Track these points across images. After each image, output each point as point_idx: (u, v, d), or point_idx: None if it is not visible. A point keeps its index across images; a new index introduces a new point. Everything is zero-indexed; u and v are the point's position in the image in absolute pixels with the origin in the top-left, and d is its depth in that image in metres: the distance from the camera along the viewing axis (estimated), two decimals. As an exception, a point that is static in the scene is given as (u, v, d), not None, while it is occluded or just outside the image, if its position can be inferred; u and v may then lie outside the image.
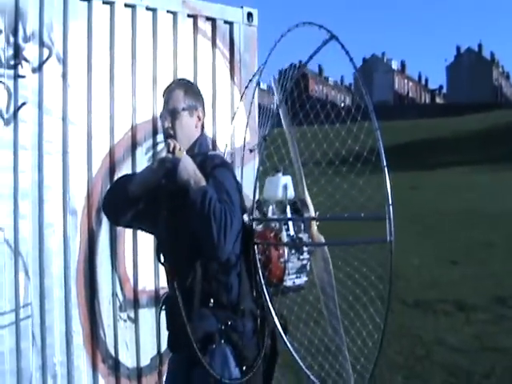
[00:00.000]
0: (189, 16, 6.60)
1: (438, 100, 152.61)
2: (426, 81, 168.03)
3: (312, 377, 4.35)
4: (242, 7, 6.98)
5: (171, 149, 3.65)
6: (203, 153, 3.92)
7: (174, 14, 6.49)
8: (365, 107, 3.78)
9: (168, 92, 3.96)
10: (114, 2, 6.07)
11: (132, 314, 6.04)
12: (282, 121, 5.04)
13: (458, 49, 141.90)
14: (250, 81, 5.92)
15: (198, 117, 3.96)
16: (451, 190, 31.72)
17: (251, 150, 5.95)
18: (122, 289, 6.02)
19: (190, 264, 3.68)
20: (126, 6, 6.16)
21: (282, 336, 3.99)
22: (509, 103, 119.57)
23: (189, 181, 3.57)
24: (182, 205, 3.59)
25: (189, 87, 4.03)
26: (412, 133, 67.68)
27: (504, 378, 7.25)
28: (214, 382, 3.66)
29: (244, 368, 3.75)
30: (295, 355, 4.31)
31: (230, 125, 6.33)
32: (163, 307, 4.03)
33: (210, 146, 4.09)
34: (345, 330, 5.31)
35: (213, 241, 3.45)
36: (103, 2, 6.04)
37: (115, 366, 5.98)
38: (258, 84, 5.56)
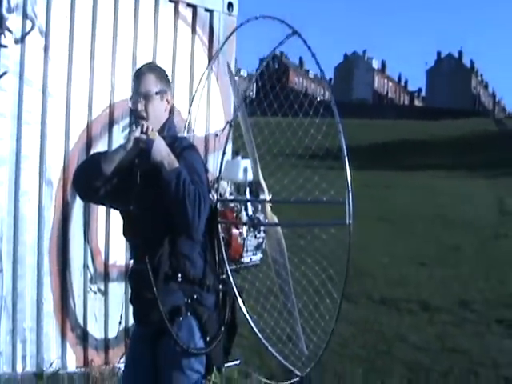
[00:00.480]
0: (170, 1, 6.72)
1: (417, 102, 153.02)
2: (406, 82, 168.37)
3: (270, 347, 4.52)
4: (223, -3, 7.09)
5: (144, 130, 3.76)
6: (172, 135, 4.04)
7: (156, -2, 6.61)
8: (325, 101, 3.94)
9: (140, 76, 4.00)
10: (98, -20, 6.17)
11: (102, 287, 6.16)
12: (238, 107, 5.20)
13: (439, 54, 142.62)
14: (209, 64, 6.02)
15: (168, 100, 4.03)
16: (425, 193, 31.79)
17: (216, 135, 6.09)
18: (93, 261, 6.16)
19: (160, 240, 3.80)
20: (110, -13, 6.27)
21: (241, 309, 4.14)
22: (486, 112, 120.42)
23: (162, 162, 3.69)
24: (155, 184, 3.70)
25: (159, 72, 4.08)
26: (390, 133, 67.74)
27: (462, 379, 7.36)
28: (181, 352, 3.79)
29: (208, 339, 3.88)
30: (254, 327, 4.48)
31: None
32: (129, 281, 4.15)
33: (177, 129, 4.17)
34: (303, 304, 5.44)
35: (188, 221, 3.61)
36: (88, -21, 6.14)
37: (83, 335, 6.12)
38: (239, 70, 5.66)
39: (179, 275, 3.81)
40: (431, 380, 7.28)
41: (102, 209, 6.08)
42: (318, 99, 5.52)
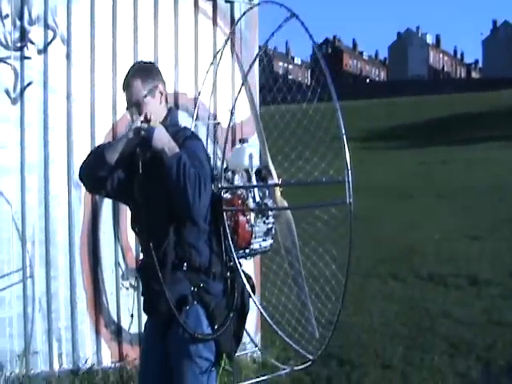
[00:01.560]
0: (189, -4, 6.78)
1: (474, 74, 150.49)
2: (462, 55, 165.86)
3: (279, 332, 4.63)
4: (242, -14, 7.12)
5: (148, 117, 3.91)
6: (174, 124, 4.16)
7: (175, -6, 6.69)
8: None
9: (126, 86, 4.10)
10: (116, -16, 6.33)
11: (134, 282, 6.34)
12: (247, 95, 5.27)
13: (494, 22, 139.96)
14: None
15: (160, 92, 4.12)
16: (482, 165, 31.46)
17: (218, 123, 6.18)
18: (124, 258, 6.36)
19: (165, 230, 3.92)
20: (128, -13, 6.41)
21: (250, 296, 4.26)
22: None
23: (163, 148, 3.79)
24: (157, 171, 3.81)
25: (143, 72, 4.14)
26: (447, 108, 66.93)
27: (504, 352, 7.29)
28: (189, 340, 3.92)
29: (216, 327, 3.99)
30: (263, 313, 4.60)
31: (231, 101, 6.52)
32: (139, 274, 4.31)
33: (179, 118, 4.29)
34: (309, 287, 5.52)
35: (188, 202, 3.70)
36: (106, -16, 6.29)
37: (117, 331, 6.33)
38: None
39: (185, 264, 3.93)
40: (473, 354, 7.24)
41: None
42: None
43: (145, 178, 3.90)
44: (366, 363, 7.01)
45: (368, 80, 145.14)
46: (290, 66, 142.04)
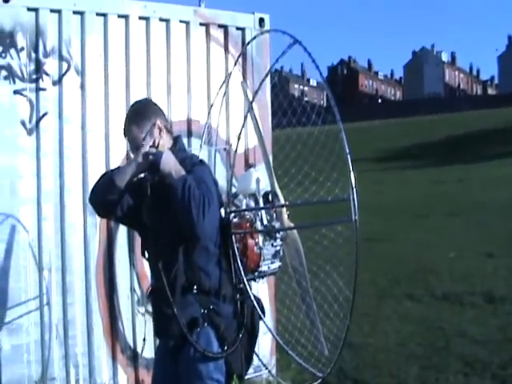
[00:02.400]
0: (201, 24, 6.93)
1: (490, 91, 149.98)
2: (478, 72, 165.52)
3: (289, 351, 4.71)
4: (253, 13, 7.26)
5: (156, 144, 4.04)
6: (183, 149, 4.29)
7: (187, 23, 6.84)
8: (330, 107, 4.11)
9: (125, 132, 4.28)
10: (128, 16, 6.48)
11: (149, 308, 6.40)
12: (252, 120, 5.39)
13: (510, 38, 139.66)
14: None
15: (159, 128, 4.21)
16: (498, 182, 31.31)
17: (225, 149, 6.28)
18: (139, 284, 6.44)
19: (174, 254, 4.03)
20: (140, 18, 6.56)
21: (261, 318, 4.35)
22: None
23: (170, 172, 3.91)
24: (165, 194, 3.93)
25: (136, 116, 4.26)
26: (464, 125, 66.79)
27: None
28: (200, 361, 4.01)
29: (225, 348, 4.09)
30: (273, 334, 4.69)
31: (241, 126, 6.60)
32: (150, 298, 4.41)
33: (192, 145, 4.42)
34: (318, 305, 5.59)
35: (192, 219, 3.80)
36: (118, 16, 6.45)
37: (134, 357, 6.40)
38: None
39: (195, 287, 4.04)
40: (488, 373, 7.24)
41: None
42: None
43: (153, 201, 4.05)
44: (381, 384, 7.04)
45: (380, 100, 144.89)
46: (306, 88, 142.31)
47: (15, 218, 5.91)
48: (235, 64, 6.48)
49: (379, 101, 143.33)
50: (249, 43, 6.61)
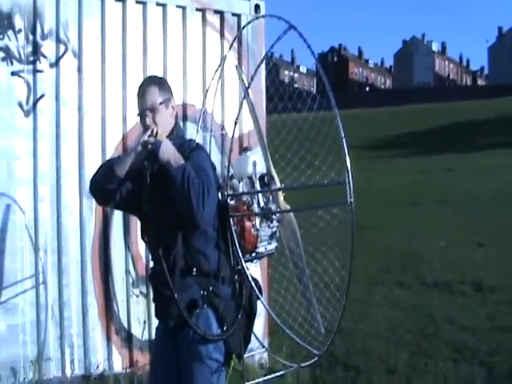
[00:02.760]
0: (197, 10, 6.96)
1: (480, 82, 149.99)
2: (468, 62, 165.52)
3: (286, 329, 4.77)
4: (249, 0, 7.29)
5: (154, 133, 4.08)
6: (180, 136, 4.34)
7: (183, 8, 6.86)
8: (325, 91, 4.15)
9: (143, 91, 4.28)
10: (125, 0, 6.49)
11: (144, 290, 6.48)
12: (248, 105, 5.43)
13: (500, 29, 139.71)
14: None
15: (172, 107, 4.32)
16: (488, 173, 31.36)
17: (222, 134, 6.33)
18: (134, 266, 6.50)
19: (173, 238, 4.07)
20: (137, 2, 6.60)
21: (258, 298, 4.41)
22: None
23: (169, 160, 3.96)
24: (164, 182, 3.98)
25: (161, 83, 4.36)
26: (454, 115, 66.79)
27: (508, 357, 7.35)
28: (199, 342, 4.06)
29: (225, 328, 4.14)
30: (270, 312, 4.76)
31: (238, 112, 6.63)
32: (150, 281, 4.47)
33: (188, 130, 4.47)
34: (314, 285, 5.65)
35: (192, 208, 3.86)
36: (116, 0, 6.47)
37: (128, 338, 6.47)
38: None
39: (194, 269, 4.08)
40: (477, 359, 7.33)
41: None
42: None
43: (152, 188, 4.08)
44: (371, 369, 7.12)
45: (368, 88, 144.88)
46: (296, 75, 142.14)
47: (12, 199, 5.94)
48: (230, 48, 6.52)
49: (367, 89, 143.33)
50: (244, 27, 6.67)
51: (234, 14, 7.22)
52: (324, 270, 6.48)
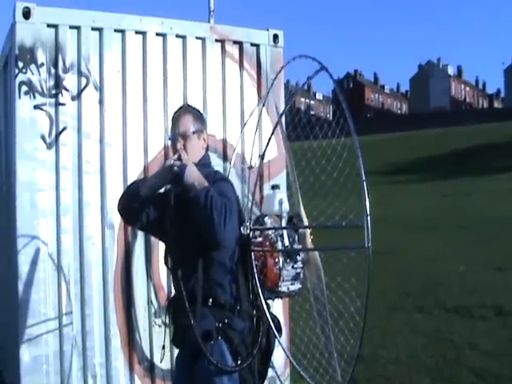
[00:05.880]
0: (217, 41, 7.04)
1: (496, 104, 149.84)
2: (484, 85, 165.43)
3: (302, 372, 4.78)
4: (267, 29, 7.36)
5: (181, 157, 4.17)
6: (207, 164, 4.42)
7: (203, 39, 6.94)
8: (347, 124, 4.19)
9: (178, 117, 4.44)
10: (145, 32, 6.61)
11: (166, 320, 6.49)
12: (282, 140, 5.47)
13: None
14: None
15: (204, 139, 4.43)
16: (506, 196, 31.40)
17: (250, 167, 6.38)
18: (156, 296, 6.52)
19: (194, 267, 4.16)
20: (157, 34, 6.68)
21: (276, 336, 4.42)
22: None
23: (194, 183, 4.05)
24: (187, 206, 4.06)
25: (196, 113, 4.51)
26: (470, 139, 66.84)
27: None
28: (215, 372, 4.10)
29: (239, 362, 4.17)
30: (287, 353, 4.76)
31: (255, 141, 6.68)
32: (169, 307, 4.53)
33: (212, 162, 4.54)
34: (333, 320, 5.67)
35: (213, 227, 3.94)
36: (136, 32, 6.58)
37: (150, 367, 6.48)
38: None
39: (210, 300, 4.14)
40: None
41: (162, 245, 6.43)
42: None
43: (176, 211, 4.15)
44: (393, 395, 7.11)
45: (384, 115, 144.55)
46: (312, 102, 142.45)
47: (35, 231, 6.00)
48: (263, 103, 6.49)
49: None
50: (282, 69, 6.57)
51: (252, 44, 7.26)
52: (343, 304, 6.50)
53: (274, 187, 5.13)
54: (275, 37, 7.37)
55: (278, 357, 6.58)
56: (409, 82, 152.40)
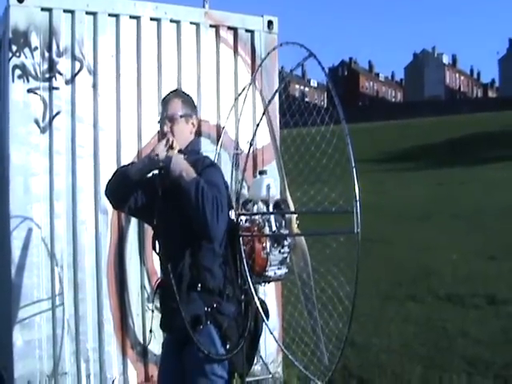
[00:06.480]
0: (211, 26, 7.01)
1: (491, 94, 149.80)
2: (478, 74, 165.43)
3: (290, 356, 4.79)
4: (262, 16, 7.34)
5: (169, 143, 4.15)
6: (196, 151, 4.41)
7: (197, 25, 6.91)
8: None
9: (166, 100, 4.41)
10: (139, 17, 6.58)
11: (153, 303, 6.50)
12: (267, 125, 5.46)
13: (511, 41, 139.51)
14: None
15: (193, 124, 4.41)
16: (500, 185, 31.39)
17: (237, 154, 6.36)
18: (149, 281, 6.52)
19: (181, 253, 4.14)
20: (152, 19, 6.65)
21: (264, 320, 4.43)
22: None
23: (181, 174, 4.03)
24: (176, 196, 4.05)
25: (185, 97, 4.47)
26: (465, 128, 66.79)
27: None
28: (204, 358, 4.10)
29: (228, 346, 4.17)
30: (274, 337, 4.77)
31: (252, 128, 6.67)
32: (157, 292, 4.51)
33: (201, 147, 4.52)
34: (322, 304, 5.67)
35: (206, 221, 3.93)
36: (130, 17, 6.55)
37: (143, 352, 6.48)
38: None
39: (199, 285, 4.13)
40: (491, 372, 7.34)
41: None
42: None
43: (163, 202, 4.15)
44: (385, 383, 7.13)
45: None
46: (307, 89, 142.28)
47: (28, 215, 6.00)
48: (250, 84, 6.48)
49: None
50: (268, 54, 6.58)
51: (247, 30, 7.24)
52: (332, 289, 6.50)
53: (262, 172, 5.13)
54: (270, 23, 7.34)
55: (271, 342, 6.60)
56: (403, 71, 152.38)
